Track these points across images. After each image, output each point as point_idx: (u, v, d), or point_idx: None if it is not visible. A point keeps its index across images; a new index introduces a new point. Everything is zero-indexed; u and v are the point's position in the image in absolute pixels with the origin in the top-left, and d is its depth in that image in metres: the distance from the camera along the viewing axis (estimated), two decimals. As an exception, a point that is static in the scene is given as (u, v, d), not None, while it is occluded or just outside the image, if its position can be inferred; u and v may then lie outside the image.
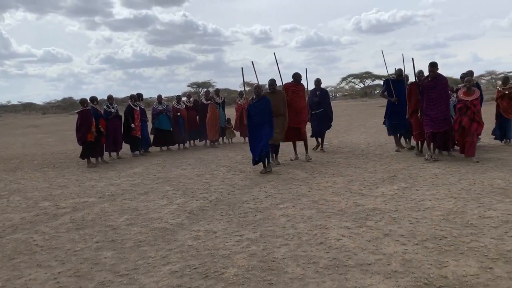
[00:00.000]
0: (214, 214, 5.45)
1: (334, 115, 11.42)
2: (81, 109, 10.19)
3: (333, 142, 12.18)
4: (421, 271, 3.40)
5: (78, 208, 6.17)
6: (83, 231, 5.06)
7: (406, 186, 6.27)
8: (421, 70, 8.81)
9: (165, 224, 5.15)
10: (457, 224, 4.48)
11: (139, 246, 4.43)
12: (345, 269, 3.54)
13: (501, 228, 4.28)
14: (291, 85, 9.23)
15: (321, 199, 5.82)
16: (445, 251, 3.78)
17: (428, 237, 4.13)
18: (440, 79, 8.14)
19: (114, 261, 4.05)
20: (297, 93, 9.18)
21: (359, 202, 5.55)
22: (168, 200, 6.36)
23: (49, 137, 20.81)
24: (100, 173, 9.19)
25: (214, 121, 12.64)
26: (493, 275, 3.27)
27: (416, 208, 5.14)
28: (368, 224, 4.66)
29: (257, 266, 3.70)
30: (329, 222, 4.80)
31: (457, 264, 3.49)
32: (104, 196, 6.88)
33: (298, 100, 9.15)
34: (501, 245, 3.83)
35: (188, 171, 8.79)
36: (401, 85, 9.37)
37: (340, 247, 4.02)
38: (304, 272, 3.52)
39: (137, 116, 11.47)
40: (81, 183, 8.08)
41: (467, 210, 4.95)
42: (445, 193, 5.74)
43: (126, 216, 5.59)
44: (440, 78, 8.14)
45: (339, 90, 61.23)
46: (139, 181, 7.95)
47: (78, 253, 4.34)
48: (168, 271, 3.73)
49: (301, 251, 3.99)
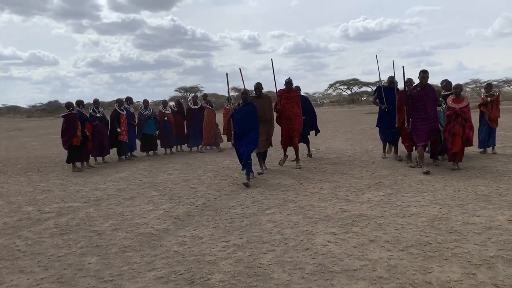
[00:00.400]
0: (201, 219, 5.42)
1: (322, 121, 11.51)
2: (67, 112, 10.08)
3: (320, 148, 12.24)
4: (406, 277, 3.42)
5: (63, 213, 6.09)
6: (67, 236, 4.99)
7: (391, 192, 6.33)
8: (410, 78, 8.64)
9: (150, 229, 5.11)
10: (441, 230, 4.53)
11: (124, 251, 4.39)
12: (331, 275, 3.55)
13: (484, 234, 4.34)
14: (283, 92, 8.97)
15: (308, 205, 5.83)
16: (429, 257, 3.81)
17: (413, 243, 4.17)
18: (429, 89, 7.89)
19: (99, 267, 4.00)
20: (290, 100, 8.87)
21: (345, 208, 5.57)
22: (154, 205, 6.32)
23: (33, 140, 20.52)
24: (86, 177, 9.09)
25: (209, 126, 12.63)
26: (476, 281, 3.31)
27: (401, 214, 5.18)
28: (354, 230, 4.68)
29: (243, 272, 3.69)
30: (315, 228, 4.82)
31: (441, 270, 3.52)
32: (89, 201, 6.80)
33: (291, 107, 8.85)
34: (484, 251, 3.88)
35: (175, 176, 8.74)
36: (393, 93, 9.16)
37: (326, 253, 4.03)
38: (290, 278, 3.52)
39: (123, 121, 11.39)
40: (66, 188, 7.98)
41: (451, 216, 5.01)
42: (430, 200, 5.81)
43: (111, 221, 5.53)
44: (429, 88, 7.89)
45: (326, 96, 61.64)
46: (125, 186, 7.88)
47: (61, 258, 4.28)
48: (153, 277, 3.70)
49: (287, 257, 3.99)
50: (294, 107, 8.91)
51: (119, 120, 11.31)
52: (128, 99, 12.33)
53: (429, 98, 7.82)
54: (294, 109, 8.90)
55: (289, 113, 8.81)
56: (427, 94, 7.82)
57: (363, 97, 55.99)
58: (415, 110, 7.92)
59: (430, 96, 7.83)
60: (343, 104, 51.95)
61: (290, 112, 8.82)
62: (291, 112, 8.83)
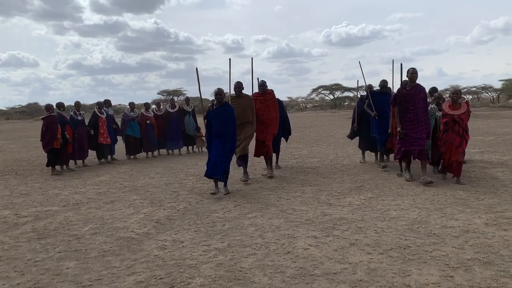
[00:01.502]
0: (182, 223, 5.39)
1: (305, 126, 11.52)
2: (46, 115, 9.92)
3: (303, 152, 12.29)
4: (385, 280, 3.46)
5: (41, 217, 5.98)
6: (45, 241, 4.90)
7: (372, 196, 6.39)
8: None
9: (131, 233, 5.05)
10: (420, 233, 4.60)
11: (103, 256, 4.33)
12: (311, 278, 3.56)
13: (462, 237, 4.42)
14: (257, 95, 8.43)
15: (290, 209, 5.85)
16: (408, 260, 3.86)
17: (392, 247, 4.22)
18: (419, 89, 7.19)
19: (77, 272, 3.93)
20: (265, 103, 8.32)
21: (326, 212, 5.61)
22: (134, 209, 6.25)
23: (11, 143, 20.09)
24: (65, 181, 8.94)
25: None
26: (453, 283, 3.36)
27: (381, 218, 5.24)
28: (335, 233, 4.71)
29: (224, 276, 3.68)
30: (297, 231, 4.83)
31: (420, 273, 3.57)
32: (68, 204, 6.69)
33: (266, 111, 8.29)
34: (462, 254, 3.95)
35: (156, 180, 8.67)
36: (386, 98, 8.65)
37: (307, 257, 4.04)
38: (271, 282, 3.52)
39: (102, 123, 11.28)
40: (44, 191, 7.84)
41: (430, 220, 5.08)
42: (409, 203, 5.88)
43: (90, 225, 5.45)
44: (418, 88, 7.19)
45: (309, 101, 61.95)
46: (105, 190, 7.78)
47: (39, 263, 4.20)
48: (133, 281, 3.66)
49: (268, 260, 3.99)
50: (270, 111, 8.35)
51: (97, 123, 11.21)
52: (106, 102, 12.22)
53: (420, 99, 7.16)
54: (270, 113, 8.34)
55: (264, 118, 8.26)
56: (417, 94, 7.15)
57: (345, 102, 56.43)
58: (404, 113, 7.24)
59: (420, 96, 7.17)
60: (325, 108, 52.31)
61: (266, 117, 8.27)
62: (267, 117, 8.29)
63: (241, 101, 7.83)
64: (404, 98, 7.22)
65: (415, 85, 7.20)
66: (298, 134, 19.98)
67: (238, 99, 7.84)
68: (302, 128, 23.50)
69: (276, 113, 8.46)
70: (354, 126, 9.54)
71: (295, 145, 14.46)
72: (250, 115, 7.78)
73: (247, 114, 7.76)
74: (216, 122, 6.84)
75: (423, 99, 7.22)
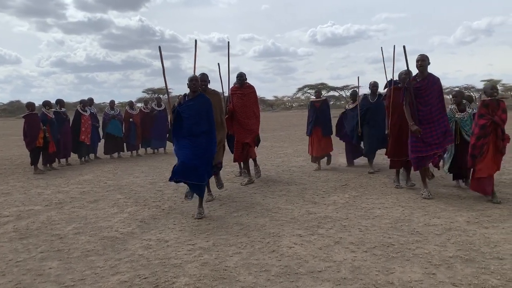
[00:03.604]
0: (167, 222, 5.36)
1: (290, 124, 11.52)
2: (28, 113, 9.77)
3: (288, 151, 12.33)
4: (369, 278, 3.49)
5: (23, 217, 5.88)
6: (27, 241, 4.82)
7: (357, 195, 6.44)
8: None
9: (115, 233, 5.00)
10: (404, 231, 4.65)
11: (87, 255, 4.28)
12: (296, 276, 3.58)
13: (444, 235, 4.49)
14: (235, 89, 7.47)
15: (275, 207, 5.86)
16: (392, 258, 3.90)
17: (376, 245, 4.26)
18: (433, 79, 5.92)
19: (60, 272, 3.88)
20: (244, 98, 7.36)
21: (311, 210, 5.64)
22: (119, 208, 6.19)
23: (-7, 141, 19.75)
24: (48, 180, 8.81)
25: None
26: (435, 280, 3.41)
27: (365, 216, 5.28)
28: (319, 232, 4.74)
29: (208, 275, 3.67)
30: (282, 230, 4.84)
31: (403, 271, 3.61)
32: (51, 204, 6.59)
33: (245, 107, 7.35)
34: (444, 252, 4.01)
35: (141, 179, 8.60)
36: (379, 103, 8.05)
37: (292, 255, 4.06)
38: (255, 281, 3.52)
39: (84, 121, 11.17)
40: (26, 190, 7.71)
41: (413, 218, 5.15)
42: (393, 202, 5.95)
43: (74, 225, 5.39)
44: (432, 79, 5.92)
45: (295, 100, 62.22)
46: (88, 189, 7.69)
47: (20, 263, 4.13)
48: (117, 281, 3.62)
49: (253, 259, 4.00)
50: (249, 106, 7.39)
51: (79, 121, 11.10)
52: (89, 100, 12.10)
53: (434, 92, 5.90)
54: (249, 110, 7.39)
55: (243, 116, 7.34)
56: (431, 87, 5.89)
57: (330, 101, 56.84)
58: (417, 110, 5.94)
59: (434, 88, 5.91)
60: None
61: (244, 114, 7.33)
62: (246, 114, 7.34)
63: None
64: (415, 92, 5.92)
65: (427, 75, 5.94)
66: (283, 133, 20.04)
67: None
68: (288, 127, 23.57)
69: (257, 110, 7.59)
70: (357, 131, 8.53)
71: (281, 144, 14.50)
72: (218, 115, 6.34)
73: (215, 114, 6.15)
74: (188, 117, 5.47)
75: (439, 91, 5.96)
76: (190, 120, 5.45)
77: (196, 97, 5.56)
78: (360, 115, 8.39)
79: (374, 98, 8.33)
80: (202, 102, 5.55)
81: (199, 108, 5.50)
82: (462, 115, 6.42)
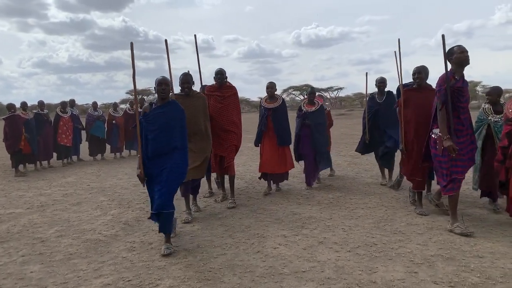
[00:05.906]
0: (151, 225, 5.31)
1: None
2: (8, 114, 9.61)
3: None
4: (352, 277, 3.53)
5: (3, 220, 5.78)
6: (8, 244, 4.74)
7: (340, 195, 6.50)
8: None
9: (98, 235, 4.95)
10: (386, 231, 4.71)
11: (69, 259, 4.23)
12: (280, 277, 3.59)
13: (426, 234, 4.55)
14: (212, 90, 6.12)
15: (260, 208, 5.87)
16: (375, 257, 3.95)
17: (360, 244, 4.31)
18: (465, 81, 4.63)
19: (42, 275, 3.83)
20: (222, 102, 6.01)
21: (296, 211, 5.66)
22: (102, 210, 6.13)
23: (-28, 144, 19.34)
24: (29, 182, 8.68)
25: None
26: (417, 279, 3.46)
27: (349, 216, 5.33)
28: (304, 232, 4.77)
29: (193, 276, 3.66)
30: (266, 231, 4.86)
31: (385, 270, 3.66)
32: (32, 206, 6.49)
33: (224, 112, 5.99)
34: (426, 251, 4.07)
35: (124, 181, 8.53)
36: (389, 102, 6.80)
37: (276, 256, 4.08)
38: (240, 281, 3.53)
39: (63, 123, 11.04)
40: (7, 193, 7.58)
41: (396, 218, 5.21)
42: (376, 202, 6.02)
43: (56, 228, 5.31)
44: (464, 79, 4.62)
45: (280, 101, 62.38)
46: (71, 191, 7.60)
47: (1, 268, 4.06)
48: (100, 284, 3.59)
49: (238, 260, 4.00)
50: (228, 112, 6.03)
51: (58, 123, 10.98)
52: (70, 101, 11.96)
53: (468, 95, 4.65)
54: (227, 116, 6.02)
55: (222, 122, 5.98)
56: (466, 87, 4.63)
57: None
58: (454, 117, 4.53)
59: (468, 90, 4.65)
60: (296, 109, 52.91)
61: (221, 121, 5.98)
62: (223, 122, 5.99)
63: (191, 102, 5.37)
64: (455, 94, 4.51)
65: (462, 75, 4.57)
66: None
67: (186, 99, 5.35)
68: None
69: (237, 118, 6.12)
70: (365, 138, 7.21)
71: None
72: (202, 121, 5.45)
73: (198, 121, 5.37)
74: (153, 130, 4.34)
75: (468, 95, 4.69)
76: (154, 133, 4.33)
77: (165, 105, 4.44)
78: (368, 118, 7.13)
79: (382, 98, 7.02)
80: (172, 110, 4.42)
81: (168, 117, 4.37)
82: (499, 118, 5.17)
